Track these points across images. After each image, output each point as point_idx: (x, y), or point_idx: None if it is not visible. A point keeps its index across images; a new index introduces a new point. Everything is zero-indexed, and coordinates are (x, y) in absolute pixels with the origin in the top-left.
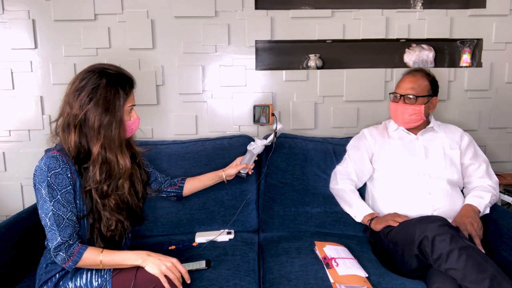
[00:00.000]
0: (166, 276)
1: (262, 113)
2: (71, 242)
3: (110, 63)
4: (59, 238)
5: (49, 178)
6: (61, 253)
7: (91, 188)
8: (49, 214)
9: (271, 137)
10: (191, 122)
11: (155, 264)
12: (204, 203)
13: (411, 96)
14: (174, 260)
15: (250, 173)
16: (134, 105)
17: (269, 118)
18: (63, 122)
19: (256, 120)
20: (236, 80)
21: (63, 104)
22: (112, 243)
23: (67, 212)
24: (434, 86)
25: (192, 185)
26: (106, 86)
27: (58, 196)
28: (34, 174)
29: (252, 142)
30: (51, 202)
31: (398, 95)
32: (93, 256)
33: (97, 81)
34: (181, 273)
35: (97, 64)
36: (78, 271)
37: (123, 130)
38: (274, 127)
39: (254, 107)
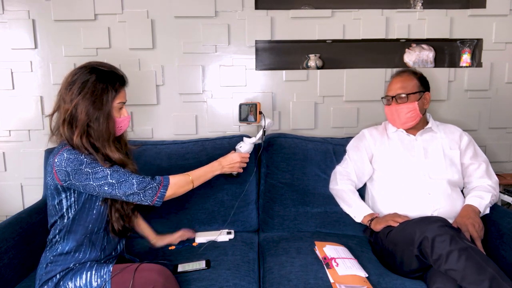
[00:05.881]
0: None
1: (250, 111)
2: (150, 178)
3: (105, 62)
4: (137, 178)
5: (86, 159)
6: (150, 185)
7: None
8: (108, 175)
9: (259, 135)
10: (191, 122)
11: (230, 169)
12: (204, 203)
13: (402, 95)
14: (238, 158)
15: (241, 171)
16: (124, 103)
17: (257, 116)
18: (59, 116)
19: (243, 119)
20: (236, 80)
21: (57, 99)
22: (123, 228)
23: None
24: (423, 83)
25: None
26: (95, 81)
27: (104, 166)
28: (61, 168)
29: (240, 142)
30: (103, 168)
31: (389, 97)
32: (181, 177)
33: (87, 76)
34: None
35: (92, 61)
36: (78, 271)
37: (112, 124)
38: (262, 125)
39: (240, 105)
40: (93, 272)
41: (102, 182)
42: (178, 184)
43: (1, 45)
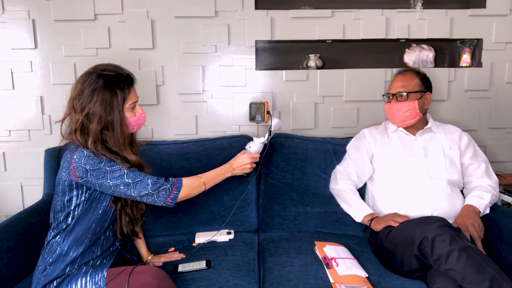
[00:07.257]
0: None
1: (258, 111)
2: (164, 179)
3: (109, 63)
4: (152, 179)
5: (105, 157)
6: (163, 186)
7: None
8: (125, 174)
9: (267, 134)
10: (191, 122)
11: (241, 170)
12: (204, 203)
13: (403, 94)
14: (248, 160)
15: (250, 170)
16: (136, 101)
17: (265, 116)
18: (70, 125)
19: (252, 118)
20: (236, 80)
21: (68, 107)
22: (130, 232)
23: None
24: (426, 83)
25: None
26: (103, 88)
27: (122, 167)
28: (80, 165)
29: (250, 142)
30: (120, 167)
31: (390, 95)
32: (194, 179)
33: (95, 84)
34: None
35: (96, 65)
36: (73, 277)
37: (126, 128)
38: (269, 125)
39: (250, 104)
40: (88, 278)
41: (119, 181)
42: (191, 186)
43: (1, 45)
